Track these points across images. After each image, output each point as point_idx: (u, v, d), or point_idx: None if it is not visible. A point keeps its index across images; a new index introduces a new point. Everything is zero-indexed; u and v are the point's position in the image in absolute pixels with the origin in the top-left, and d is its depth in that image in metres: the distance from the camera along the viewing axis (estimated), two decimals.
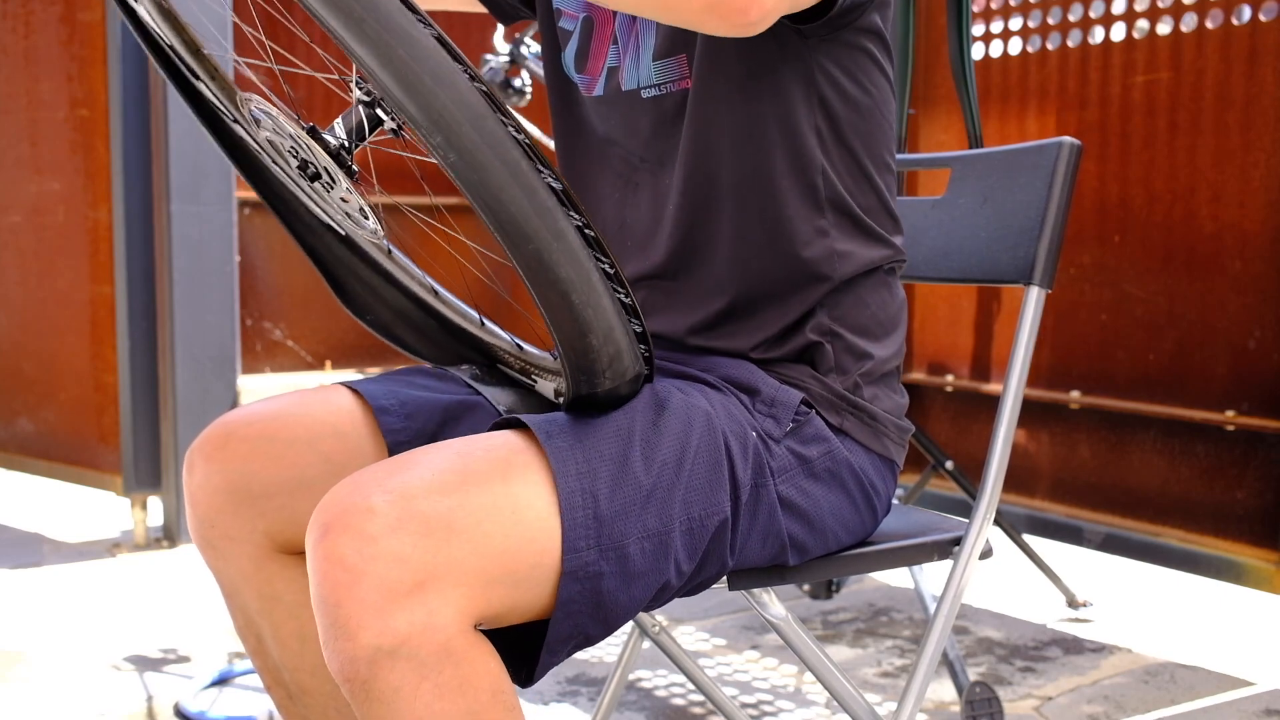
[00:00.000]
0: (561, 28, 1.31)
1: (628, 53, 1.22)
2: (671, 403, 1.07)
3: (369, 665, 0.91)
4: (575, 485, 0.98)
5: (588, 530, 0.98)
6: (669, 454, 1.03)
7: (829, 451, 1.16)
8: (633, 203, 1.25)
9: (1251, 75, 2.43)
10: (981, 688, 1.97)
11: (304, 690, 1.22)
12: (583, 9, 1.29)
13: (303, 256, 1.25)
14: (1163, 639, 2.50)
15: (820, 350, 1.19)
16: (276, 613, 1.19)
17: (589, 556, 0.97)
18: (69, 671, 2.27)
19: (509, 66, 2.74)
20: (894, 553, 1.24)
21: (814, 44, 1.15)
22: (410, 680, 0.91)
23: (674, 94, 1.19)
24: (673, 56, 1.18)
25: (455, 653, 0.92)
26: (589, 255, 0.90)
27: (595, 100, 1.27)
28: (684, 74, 1.18)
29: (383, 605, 0.90)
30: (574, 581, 0.97)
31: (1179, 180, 2.57)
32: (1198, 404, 2.56)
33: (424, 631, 0.91)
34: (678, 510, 1.03)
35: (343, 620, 0.91)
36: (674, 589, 1.06)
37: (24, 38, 3.26)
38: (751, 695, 2.19)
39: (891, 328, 1.24)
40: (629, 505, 1.00)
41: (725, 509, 1.06)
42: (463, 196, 0.86)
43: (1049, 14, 2.81)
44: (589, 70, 1.27)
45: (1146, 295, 2.64)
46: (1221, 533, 2.53)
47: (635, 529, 1.00)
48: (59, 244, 3.26)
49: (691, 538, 1.04)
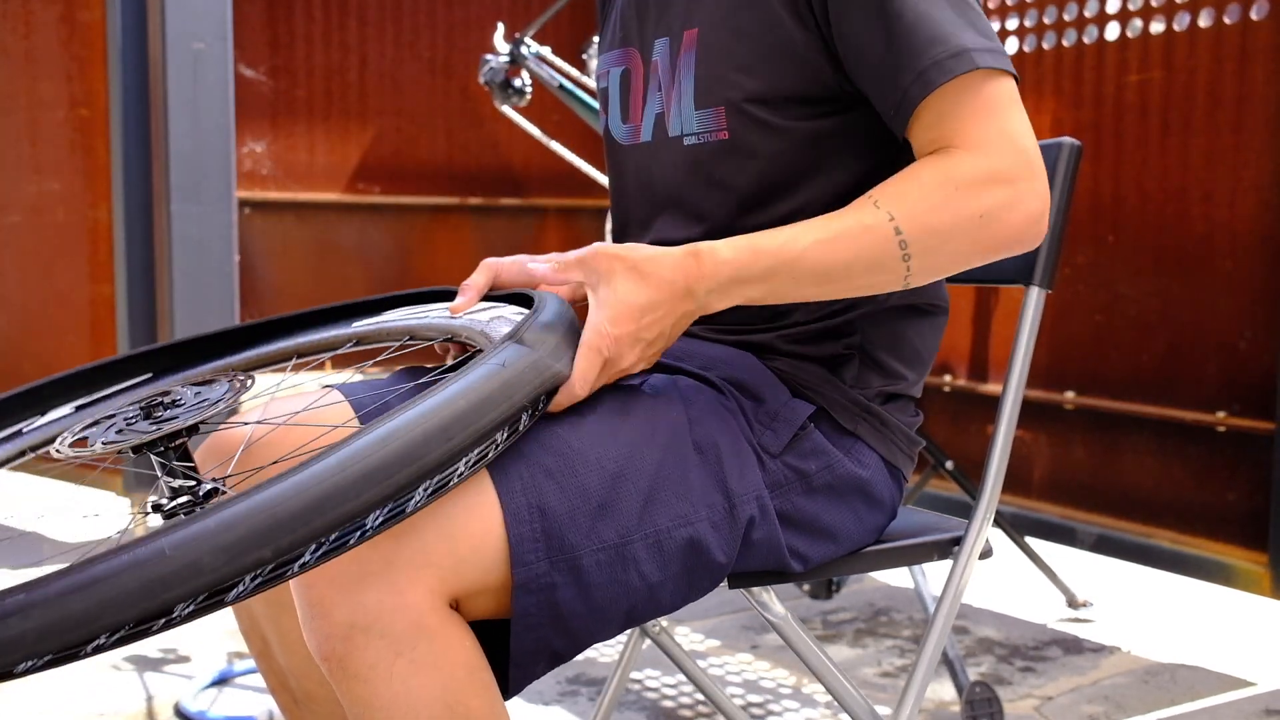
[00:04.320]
0: (604, 89, 1.33)
1: (672, 100, 1.22)
2: (635, 413, 1.06)
3: (344, 642, 0.93)
4: (521, 501, 0.98)
5: (535, 543, 0.98)
6: (623, 465, 1.02)
7: (828, 465, 1.15)
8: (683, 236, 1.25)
9: (1243, 74, 2.44)
10: (981, 688, 1.97)
11: (310, 696, 1.23)
12: (616, 62, 1.30)
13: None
14: (1161, 639, 2.50)
15: (848, 362, 1.19)
16: (284, 619, 1.19)
17: (539, 569, 0.97)
18: (69, 671, 2.27)
19: (509, 66, 2.74)
20: (894, 553, 1.25)
21: (876, 120, 1.15)
22: (385, 657, 0.93)
23: (712, 144, 1.19)
24: (711, 107, 1.18)
25: (428, 629, 0.94)
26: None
27: (643, 147, 1.27)
28: (721, 125, 1.18)
29: (351, 584, 0.92)
30: (527, 594, 0.97)
31: (1171, 180, 2.57)
32: (1189, 405, 2.56)
33: (394, 608, 0.93)
34: (636, 521, 1.02)
35: (316, 599, 0.93)
36: (656, 599, 1.04)
37: (24, 38, 3.27)
38: (751, 695, 2.19)
39: (921, 361, 1.25)
40: (577, 517, 0.99)
41: (699, 519, 1.05)
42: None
43: (1044, 13, 2.81)
44: (632, 118, 1.28)
45: (1139, 295, 2.65)
46: (1212, 535, 2.53)
47: (588, 541, 0.99)
48: (59, 244, 3.26)
49: (658, 549, 1.03)
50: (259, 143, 3.56)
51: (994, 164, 1.05)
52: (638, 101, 1.28)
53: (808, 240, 1.05)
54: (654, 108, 1.25)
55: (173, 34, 3.05)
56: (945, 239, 1.05)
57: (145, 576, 0.73)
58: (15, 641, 0.71)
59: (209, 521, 0.76)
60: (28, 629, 0.71)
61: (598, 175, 2.85)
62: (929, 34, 1.05)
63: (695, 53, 1.19)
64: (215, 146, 3.13)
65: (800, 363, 1.19)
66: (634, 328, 1.03)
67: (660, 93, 1.24)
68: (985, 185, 1.04)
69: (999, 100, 1.06)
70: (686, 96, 1.20)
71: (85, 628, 0.72)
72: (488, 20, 3.86)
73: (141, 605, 0.73)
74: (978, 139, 1.05)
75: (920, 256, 1.05)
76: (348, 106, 3.69)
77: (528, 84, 2.75)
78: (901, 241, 1.04)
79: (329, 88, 3.66)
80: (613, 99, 1.31)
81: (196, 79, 3.08)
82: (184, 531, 0.75)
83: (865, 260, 1.05)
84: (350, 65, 3.69)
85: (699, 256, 1.04)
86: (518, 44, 2.74)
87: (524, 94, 2.75)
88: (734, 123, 1.17)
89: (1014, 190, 1.05)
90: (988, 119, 1.05)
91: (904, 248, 1.05)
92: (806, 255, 1.04)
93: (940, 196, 1.04)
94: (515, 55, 2.74)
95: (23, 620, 0.70)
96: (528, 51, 2.73)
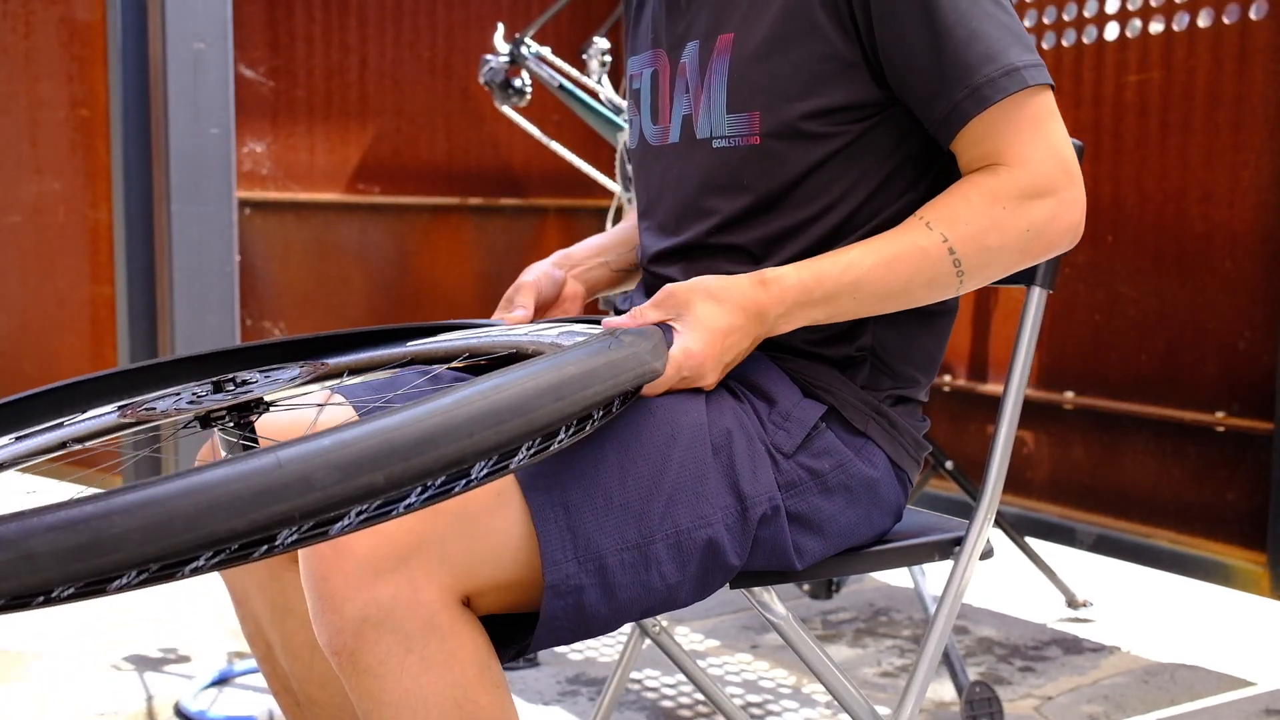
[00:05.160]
0: (636, 89, 1.33)
1: (700, 102, 1.23)
2: (657, 414, 1.07)
3: (355, 637, 0.93)
4: (545, 499, 0.99)
5: (564, 543, 0.99)
6: (646, 466, 1.04)
7: (840, 465, 1.16)
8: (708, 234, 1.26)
9: (1242, 74, 2.44)
10: (981, 688, 1.97)
11: (313, 701, 1.23)
12: (647, 64, 1.31)
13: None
14: (1161, 639, 2.51)
15: (860, 364, 1.20)
16: (288, 624, 1.20)
17: (569, 569, 0.98)
18: (69, 671, 2.27)
19: (509, 66, 2.74)
20: (894, 553, 1.25)
21: (908, 126, 1.18)
22: (396, 653, 0.93)
23: (742, 148, 1.20)
24: (745, 113, 1.19)
25: (440, 627, 0.94)
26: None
27: (671, 148, 1.28)
28: (754, 130, 1.19)
29: (366, 577, 0.93)
30: (556, 597, 0.98)
31: (1170, 180, 2.58)
32: (1188, 405, 2.56)
33: (408, 605, 0.93)
34: (658, 522, 1.03)
35: (329, 593, 0.93)
36: (673, 598, 1.05)
37: (24, 38, 3.27)
38: (751, 695, 2.19)
39: (932, 363, 1.27)
40: (602, 517, 1.00)
41: (716, 520, 1.06)
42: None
43: (1044, 13, 2.81)
44: (662, 120, 1.29)
45: (1138, 295, 2.65)
46: (1211, 535, 2.54)
47: (612, 541, 1.00)
48: (59, 244, 3.26)
49: (678, 550, 1.04)
50: (259, 143, 3.55)
51: (1038, 179, 1.12)
52: (666, 103, 1.28)
53: (868, 264, 1.11)
54: (681, 109, 1.26)
55: (173, 34, 3.05)
56: (995, 254, 1.13)
57: (256, 485, 0.70)
58: (119, 539, 0.66)
59: (324, 440, 0.73)
60: (132, 527, 0.66)
61: (598, 175, 2.85)
62: (982, 50, 1.10)
63: (730, 58, 1.19)
64: (215, 146, 3.13)
65: (812, 363, 1.20)
66: (718, 350, 1.09)
67: (688, 95, 1.24)
68: (1031, 200, 1.12)
69: (1042, 114, 1.13)
70: (718, 100, 1.20)
71: (193, 532, 0.68)
72: (488, 20, 3.86)
73: (250, 515, 0.69)
74: (1024, 155, 1.12)
75: (972, 271, 1.13)
76: (348, 106, 3.69)
77: (528, 84, 2.75)
78: (955, 260, 1.12)
79: (329, 88, 3.66)
80: (644, 100, 1.32)
81: (196, 79, 3.09)
82: (298, 448, 0.73)
83: (922, 279, 1.12)
84: (350, 65, 3.69)
85: (766, 284, 1.11)
86: (518, 44, 2.74)
87: (524, 94, 2.75)
88: (768, 129, 1.17)
89: (1056, 201, 1.12)
90: (1033, 134, 1.12)
91: (958, 265, 1.12)
92: (867, 278, 1.11)
93: (990, 217, 1.11)
94: (515, 55, 2.74)
95: (128, 518, 0.66)
96: (528, 51, 2.73)
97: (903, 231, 1.13)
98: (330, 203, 3.65)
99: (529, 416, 0.83)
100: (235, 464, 0.71)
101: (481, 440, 0.80)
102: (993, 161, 1.13)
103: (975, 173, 1.14)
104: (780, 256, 1.19)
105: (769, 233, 1.19)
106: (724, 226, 1.22)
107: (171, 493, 0.68)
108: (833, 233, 1.18)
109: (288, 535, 0.73)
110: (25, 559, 0.64)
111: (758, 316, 1.10)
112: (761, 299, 1.10)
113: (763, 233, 1.20)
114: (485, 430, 0.80)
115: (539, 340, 1.12)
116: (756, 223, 1.20)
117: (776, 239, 1.19)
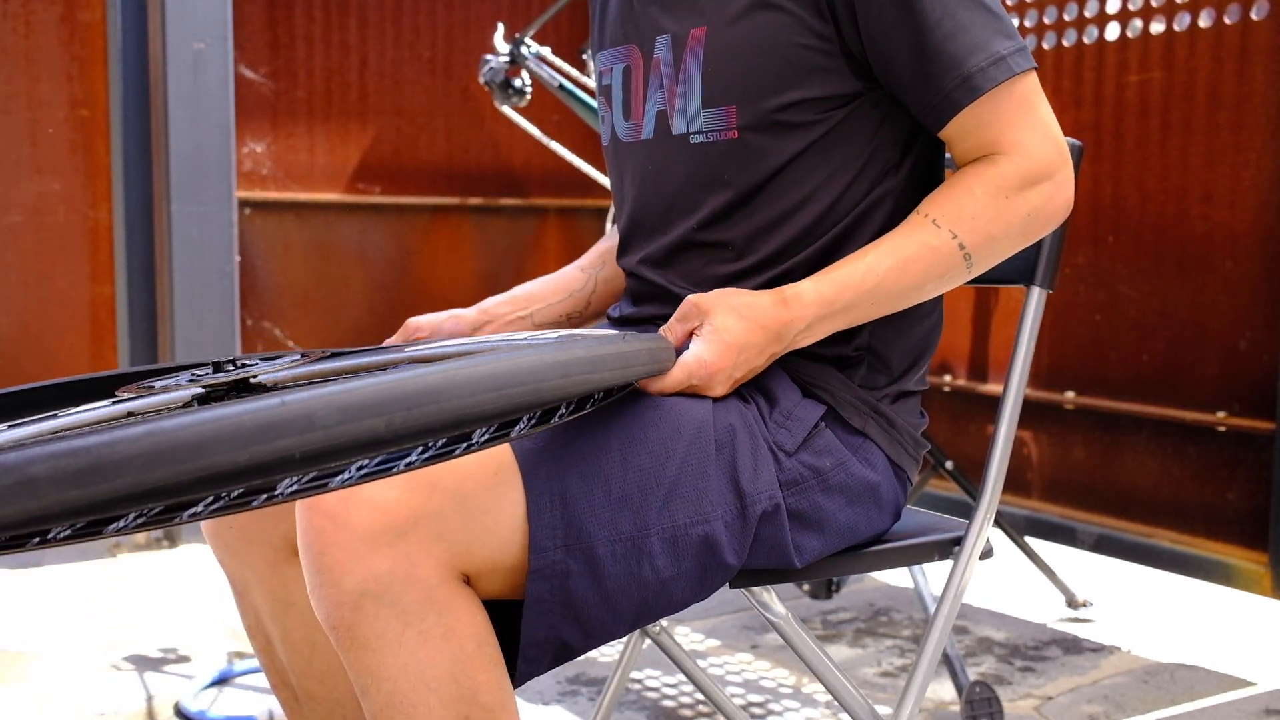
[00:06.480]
0: (607, 85, 1.33)
1: (675, 97, 1.22)
2: (664, 408, 1.08)
3: (353, 610, 0.93)
4: (544, 486, 0.99)
5: (554, 530, 0.99)
6: (649, 459, 1.04)
7: (841, 463, 1.16)
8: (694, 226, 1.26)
9: (1243, 75, 2.44)
10: (981, 688, 1.97)
11: (311, 696, 1.23)
12: (618, 59, 1.30)
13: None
14: (1161, 639, 2.50)
15: (857, 363, 1.21)
16: (289, 617, 1.19)
17: (555, 555, 0.99)
18: (69, 671, 2.27)
19: (509, 66, 2.74)
20: (894, 553, 1.25)
21: (884, 110, 1.18)
22: (394, 627, 0.93)
23: (721, 143, 1.20)
24: (721, 106, 1.19)
25: (438, 602, 0.94)
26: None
27: (644, 144, 1.28)
28: (731, 124, 1.19)
29: (364, 551, 0.93)
30: (541, 579, 0.98)
31: (1171, 180, 2.58)
32: (1189, 405, 2.56)
33: (406, 579, 0.93)
34: (655, 515, 1.03)
35: (327, 566, 0.93)
36: (667, 593, 1.05)
37: (24, 38, 3.27)
38: (751, 695, 2.19)
39: (927, 348, 1.27)
40: (597, 506, 1.00)
41: (714, 517, 1.06)
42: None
43: (1044, 13, 2.81)
44: (634, 115, 1.29)
45: (1139, 295, 2.65)
46: (1212, 534, 2.54)
47: (605, 531, 1.00)
48: (59, 244, 3.26)
49: (673, 544, 1.04)
50: (259, 143, 3.56)
51: (1036, 164, 1.15)
52: (639, 98, 1.27)
53: (883, 269, 1.13)
54: (655, 105, 1.25)
55: (173, 34, 3.05)
56: (1000, 242, 1.16)
57: (261, 419, 0.70)
58: (121, 465, 0.65)
59: (329, 385, 0.74)
60: (134, 454, 0.65)
61: (598, 175, 2.85)
62: (970, 40, 1.12)
63: (703, 51, 1.19)
64: (215, 146, 3.13)
65: (810, 362, 1.20)
66: (731, 363, 1.11)
67: (662, 90, 1.24)
68: (1030, 186, 1.15)
69: (1030, 97, 1.15)
70: (693, 95, 1.20)
71: (195, 461, 0.67)
72: (488, 20, 3.86)
73: (251, 448, 0.69)
74: (1020, 141, 1.14)
75: (980, 260, 1.16)
76: (348, 106, 3.69)
77: (528, 84, 2.75)
78: (966, 254, 1.15)
79: (329, 88, 3.66)
80: (615, 96, 1.31)
81: (196, 79, 3.09)
82: (303, 391, 0.73)
83: (935, 275, 1.15)
84: (350, 65, 3.69)
85: (787, 303, 1.12)
86: (518, 44, 2.74)
87: (524, 94, 2.75)
88: (745, 122, 1.17)
89: (1052, 183, 1.16)
90: (1025, 119, 1.15)
91: (968, 259, 1.15)
92: (884, 283, 1.13)
93: (994, 208, 1.14)
94: (515, 55, 2.74)
95: (130, 445, 0.65)
96: (528, 51, 2.73)
97: (912, 231, 1.14)
98: (330, 203, 3.65)
99: (533, 387, 0.83)
100: (240, 402, 0.71)
101: (484, 401, 0.80)
102: (990, 151, 1.14)
103: (975, 163, 1.15)
104: (765, 250, 1.19)
105: (753, 226, 1.19)
106: (707, 223, 1.21)
107: (175, 425, 0.68)
108: (817, 221, 1.18)
109: (288, 484, 0.73)
110: (25, 484, 0.63)
111: (777, 335, 1.11)
112: (783, 317, 1.11)
113: (746, 227, 1.20)
114: (487, 392, 0.80)
115: (538, 342, 1.12)
116: (739, 217, 1.20)
117: (761, 232, 1.19)
